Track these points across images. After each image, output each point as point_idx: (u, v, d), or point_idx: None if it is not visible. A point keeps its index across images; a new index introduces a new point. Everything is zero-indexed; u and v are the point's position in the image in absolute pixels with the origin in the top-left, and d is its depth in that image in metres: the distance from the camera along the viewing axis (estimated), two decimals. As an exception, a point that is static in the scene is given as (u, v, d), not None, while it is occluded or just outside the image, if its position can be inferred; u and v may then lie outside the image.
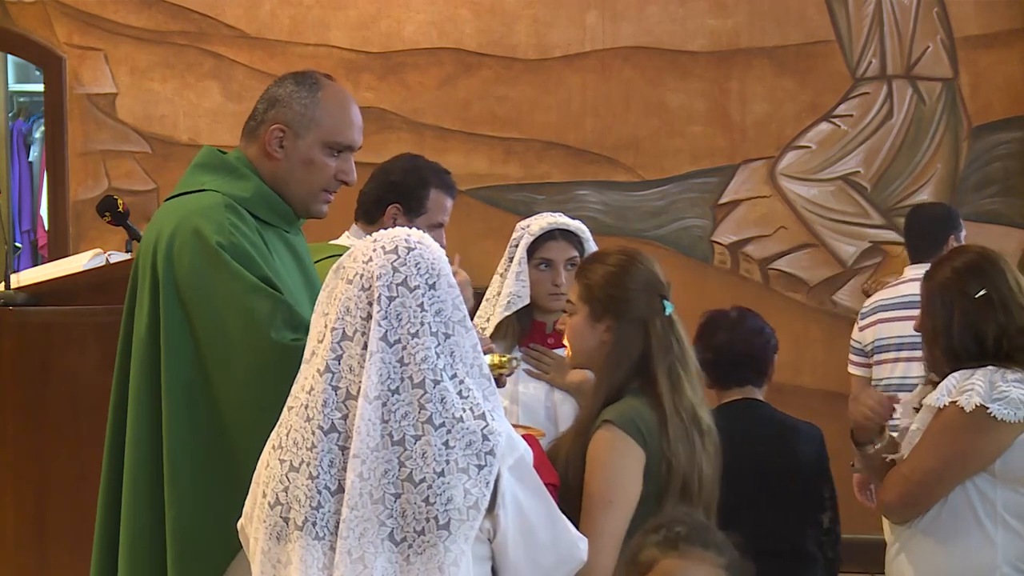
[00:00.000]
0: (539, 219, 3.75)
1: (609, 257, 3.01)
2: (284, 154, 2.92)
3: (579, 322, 2.98)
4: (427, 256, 2.42)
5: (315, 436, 2.37)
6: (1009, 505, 3.13)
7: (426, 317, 2.37)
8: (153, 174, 6.76)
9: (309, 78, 2.97)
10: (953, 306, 3.16)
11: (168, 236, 2.82)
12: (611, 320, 2.93)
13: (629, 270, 2.96)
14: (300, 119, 2.91)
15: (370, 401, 2.32)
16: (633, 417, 2.83)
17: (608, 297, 2.94)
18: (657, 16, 6.48)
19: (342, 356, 2.37)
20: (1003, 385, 3.08)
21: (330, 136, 2.93)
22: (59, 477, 4.22)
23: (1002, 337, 3.13)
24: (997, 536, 3.12)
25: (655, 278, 2.97)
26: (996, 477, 3.11)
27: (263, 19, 6.69)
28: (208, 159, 3.00)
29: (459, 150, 6.50)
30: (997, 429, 3.07)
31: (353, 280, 2.41)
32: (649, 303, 2.93)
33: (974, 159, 6.32)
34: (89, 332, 4.21)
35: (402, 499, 2.32)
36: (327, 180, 2.95)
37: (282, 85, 2.96)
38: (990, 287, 3.15)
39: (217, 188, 2.89)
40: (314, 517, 2.36)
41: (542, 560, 2.43)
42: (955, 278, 3.19)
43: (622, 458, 2.81)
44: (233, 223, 2.81)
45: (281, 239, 2.96)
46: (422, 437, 2.32)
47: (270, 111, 2.94)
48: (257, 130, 2.95)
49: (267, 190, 2.93)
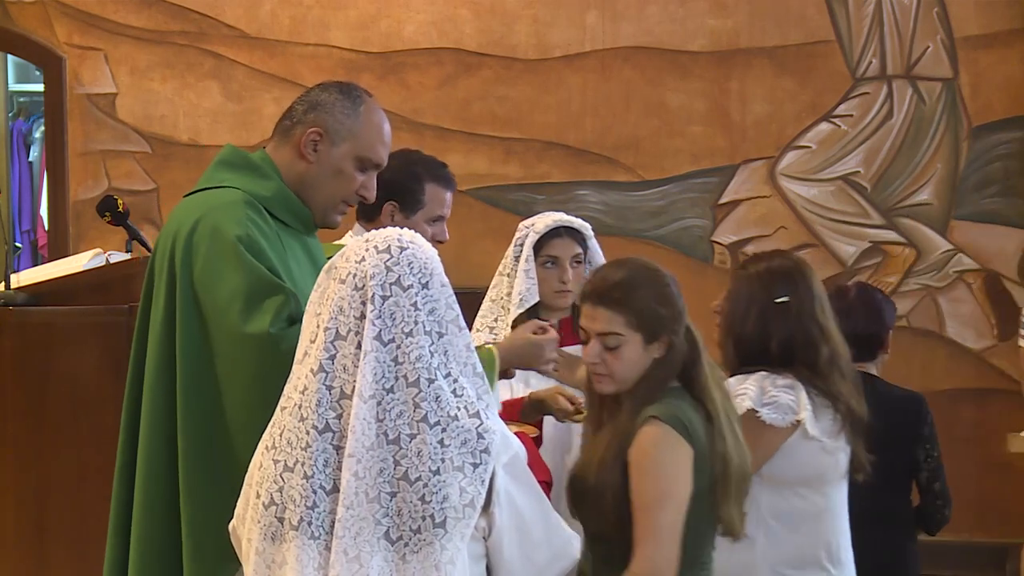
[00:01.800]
0: (543, 217, 3.77)
1: (636, 276, 2.87)
2: (316, 158, 2.94)
3: (632, 351, 2.84)
4: (420, 255, 2.43)
5: (309, 436, 2.37)
6: (772, 508, 3.21)
7: (420, 316, 2.37)
8: (153, 174, 6.76)
9: (354, 90, 2.99)
10: (752, 303, 3.28)
11: (187, 231, 2.83)
12: (667, 336, 2.84)
13: (665, 283, 2.88)
14: (339, 127, 2.93)
15: (365, 400, 2.33)
16: (678, 414, 2.79)
17: (661, 317, 2.84)
18: (657, 16, 6.48)
19: (336, 356, 2.38)
20: (773, 390, 3.20)
21: (364, 151, 2.95)
22: (59, 477, 4.23)
23: (787, 345, 3.23)
24: (759, 537, 3.19)
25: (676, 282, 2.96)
26: (762, 479, 3.17)
27: (263, 19, 6.69)
28: (231, 157, 3.01)
29: (459, 150, 6.50)
30: (765, 433, 3.16)
31: (346, 280, 2.41)
32: (686, 309, 2.90)
33: (974, 159, 6.32)
34: (89, 332, 4.22)
35: (398, 498, 2.32)
36: (349, 193, 2.98)
37: (326, 91, 2.98)
38: (793, 296, 3.25)
39: (238, 186, 2.91)
40: (309, 517, 2.36)
41: (536, 557, 2.44)
42: (765, 277, 3.31)
43: (672, 453, 2.75)
44: (251, 218, 2.83)
45: (298, 240, 2.97)
46: (417, 436, 2.32)
47: (310, 113, 2.95)
48: (293, 130, 2.96)
49: (288, 192, 2.94)
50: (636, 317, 2.82)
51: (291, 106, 3.01)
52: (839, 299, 4.00)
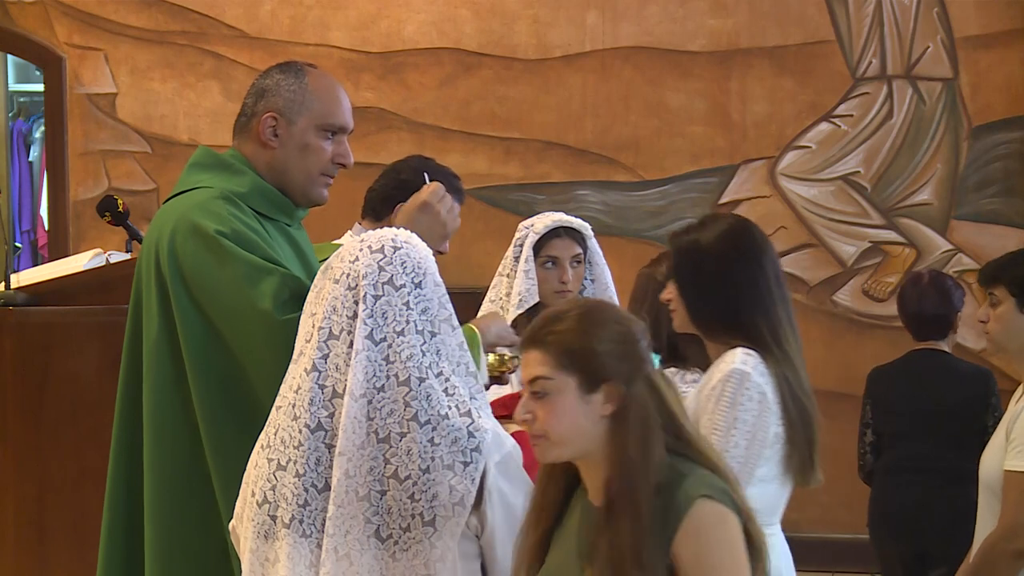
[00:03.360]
0: (543, 217, 3.77)
1: (580, 313, 2.30)
2: (279, 142, 2.93)
3: (564, 400, 2.26)
4: (413, 255, 2.43)
5: (302, 435, 2.38)
6: None
7: (412, 315, 2.38)
8: (153, 174, 6.76)
9: (293, 66, 2.99)
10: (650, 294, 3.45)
11: (168, 235, 2.83)
12: (615, 384, 2.27)
13: (620, 322, 2.32)
14: (291, 105, 2.93)
15: (355, 399, 2.33)
16: (719, 485, 2.25)
17: (602, 356, 2.27)
18: (657, 16, 6.48)
19: (329, 355, 2.39)
20: (683, 386, 3.22)
21: (322, 119, 2.94)
22: (59, 477, 4.22)
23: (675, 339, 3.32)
24: None
25: None
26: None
27: (263, 19, 6.70)
28: (203, 158, 3.01)
29: (459, 150, 6.50)
30: None
31: (340, 279, 2.42)
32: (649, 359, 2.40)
33: (974, 159, 6.32)
34: (89, 332, 4.21)
35: (388, 496, 2.33)
36: (324, 164, 2.96)
37: (267, 76, 2.99)
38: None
39: (213, 185, 2.90)
40: (301, 515, 2.37)
41: None
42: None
43: (738, 534, 2.22)
44: (231, 211, 2.82)
45: (282, 232, 2.96)
46: (407, 434, 2.33)
47: (260, 102, 2.95)
48: (249, 123, 2.96)
49: (264, 184, 2.93)
50: (567, 356, 2.22)
51: (243, 102, 3.00)
52: (914, 284, 4.75)
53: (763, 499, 2.66)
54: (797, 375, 2.83)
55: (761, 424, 2.76)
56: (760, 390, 2.76)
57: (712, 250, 2.86)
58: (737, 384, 2.76)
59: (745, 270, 2.85)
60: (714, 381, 2.81)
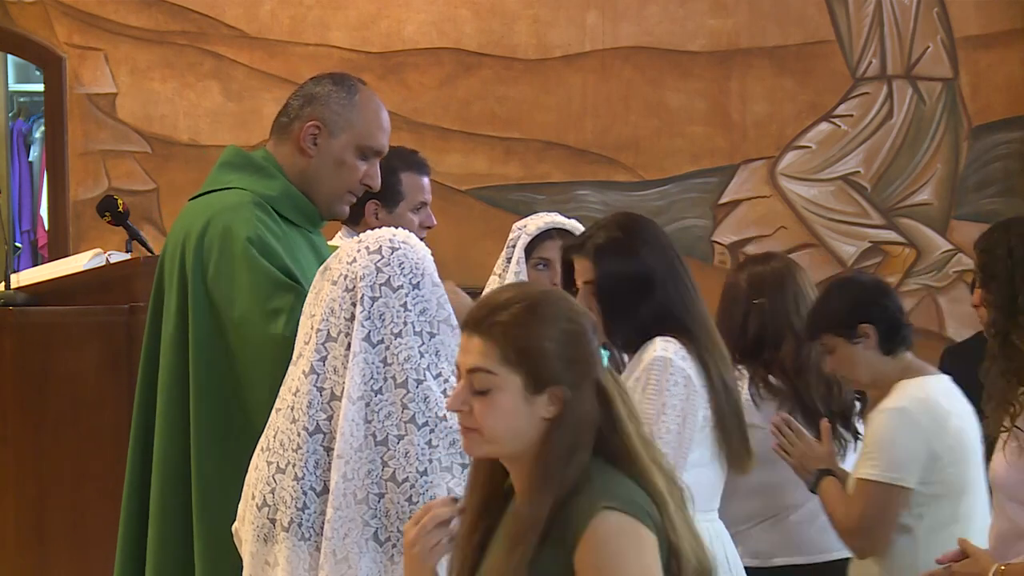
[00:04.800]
0: (536, 219, 3.75)
1: (531, 302, 2.12)
2: (317, 151, 2.93)
3: (507, 399, 2.10)
4: (411, 256, 2.43)
5: (300, 437, 2.38)
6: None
7: (409, 317, 2.37)
8: (153, 174, 6.75)
9: (347, 80, 2.98)
10: (735, 302, 3.61)
11: (198, 234, 2.83)
12: (560, 388, 2.11)
13: (573, 319, 2.14)
14: (336, 118, 2.92)
15: (353, 402, 2.33)
16: (635, 499, 2.08)
17: (552, 358, 2.10)
18: (657, 16, 6.48)
19: (327, 357, 2.39)
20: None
21: (363, 139, 2.94)
22: (59, 477, 4.22)
23: (757, 340, 3.55)
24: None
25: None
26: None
27: (263, 19, 6.69)
28: (234, 158, 3.00)
29: (459, 150, 6.50)
30: None
31: (338, 281, 2.42)
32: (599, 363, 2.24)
33: (974, 159, 6.32)
34: (89, 332, 4.21)
35: (386, 499, 2.33)
36: (354, 183, 2.97)
37: (320, 84, 2.97)
38: (769, 299, 3.59)
39: (244, 186, 2.90)
40: (300, 518, 2.37)
41: None
42: (748, 280, 3.64)
43: (647, 548, 2.05)
44: (260, 218, 2.82)
45: (305, 239, 2.96)
46: (405, 436, 2.33)
47: (306, 108, 2.94)
48: (291, 126, 2.95)
49: (293, 190, 2.93)
50: (514, 352, 2.05)
51: (287, 102, 3.00)
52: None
53: (698, 485, 2.63)
54: (715, 359, 2.96)
55: (690, 407, 2.87)
56: (684, 374, 2.87)
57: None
58: (660, 370, 2.86)
59: (643, 266, 3.01)
60: (637, 372, 2.89)
